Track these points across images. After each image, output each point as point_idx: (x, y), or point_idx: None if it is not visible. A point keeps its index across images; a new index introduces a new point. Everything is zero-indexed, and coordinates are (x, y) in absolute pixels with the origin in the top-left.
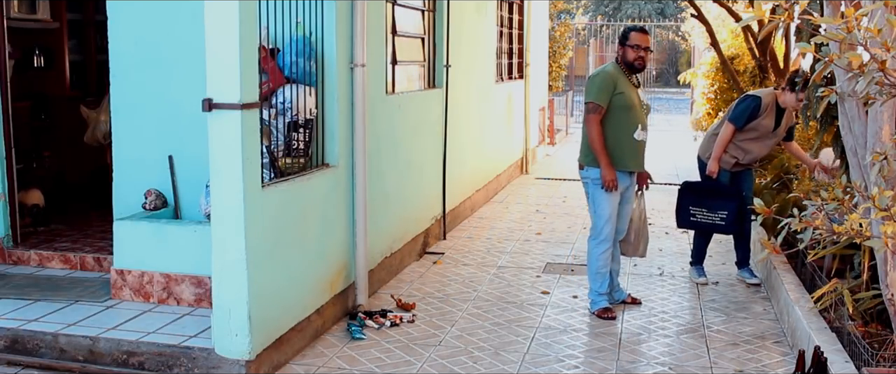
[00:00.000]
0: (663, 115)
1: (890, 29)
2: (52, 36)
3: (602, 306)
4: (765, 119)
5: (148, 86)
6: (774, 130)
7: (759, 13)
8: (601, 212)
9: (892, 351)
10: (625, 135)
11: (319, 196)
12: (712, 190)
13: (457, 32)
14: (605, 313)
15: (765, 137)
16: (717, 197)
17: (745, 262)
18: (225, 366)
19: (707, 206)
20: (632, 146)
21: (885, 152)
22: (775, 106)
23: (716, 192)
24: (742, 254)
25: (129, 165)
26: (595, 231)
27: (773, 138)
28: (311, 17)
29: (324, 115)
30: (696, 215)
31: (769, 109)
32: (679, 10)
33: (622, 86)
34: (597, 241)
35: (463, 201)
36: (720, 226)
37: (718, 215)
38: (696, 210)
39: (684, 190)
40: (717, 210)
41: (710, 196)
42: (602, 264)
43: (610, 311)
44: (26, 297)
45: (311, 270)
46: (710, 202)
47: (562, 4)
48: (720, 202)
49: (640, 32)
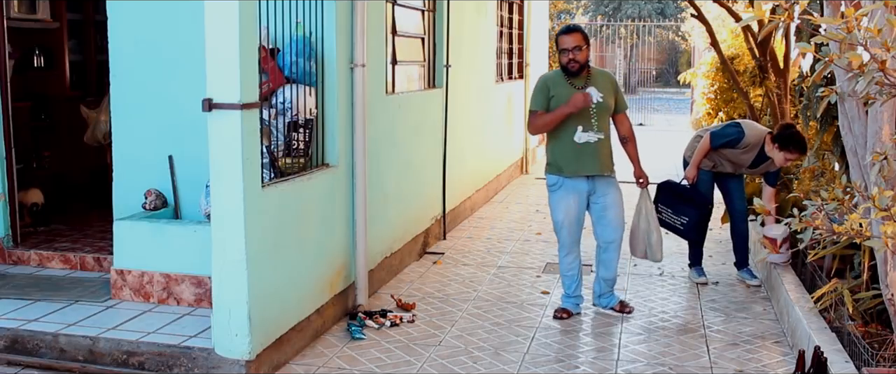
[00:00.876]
0: (663, 115)
1: (890, 29)
2: (52, 36)
3: (563, 306)
4: (743, 154)
5: (148, 86)
6: (751, 167)
7: (759, 13)
8: (553, 217)
9: (892, 351)
10: (564, 139)
11: (319, 196)
12: (684, 193)
13: (457, 32)
14: (558, 312)
15: (738, 165)
16: (685, 201)
17: (743, 263)
18: (225, 366)
19: (674, 208)
20: (573, 150)
21: (885, 152)
22: (760, 148)
23: (686, 196)
24: (740, 255)
25: (129, 165)
26: (556, 235)
27: (749, 170)
28: (311, 17)
29: (324, 115)
30: (663, 213)
31: (751, 148)
32: (679, 10)
33: (557, 89)
34: (558, 245)
35: (463, 201)
36: (679, 230)
37: (680, 219)
38: (663, 208)
39: (661, 187)
40: (680, 214)
41: (680, 199)
42: (566, 267)
43: (564, 312)
44: (26, 297)
45: (311, 270)
46: (678, 205)
47: (562, 4)
48: (685, 207)
49: (564, 34)
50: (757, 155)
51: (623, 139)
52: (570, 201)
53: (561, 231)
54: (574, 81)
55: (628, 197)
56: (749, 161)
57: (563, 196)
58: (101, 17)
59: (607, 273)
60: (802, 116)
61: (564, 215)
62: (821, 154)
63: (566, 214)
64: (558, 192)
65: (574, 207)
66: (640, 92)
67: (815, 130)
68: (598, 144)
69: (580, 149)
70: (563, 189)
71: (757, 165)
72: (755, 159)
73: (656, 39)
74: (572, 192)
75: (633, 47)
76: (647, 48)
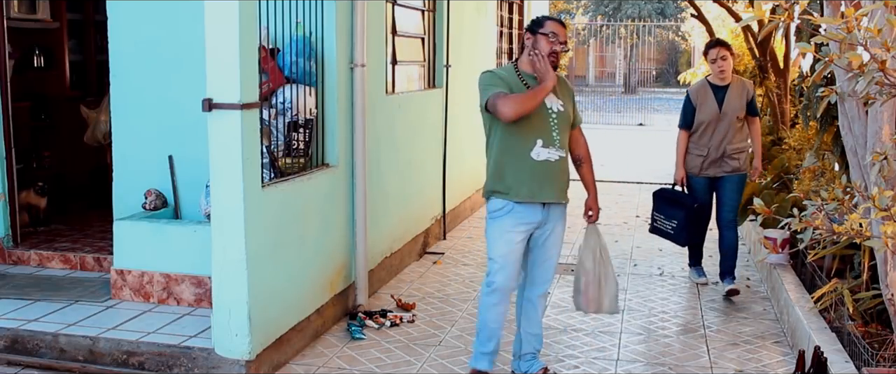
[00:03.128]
0: (663, 115)
1: (890, 29)
2: (52, 36)
3: (478, 366)
4: (705, 108)
5: (148, 86)
6: (722, 111)
7: (759, 13)
8: (493, 252)
9: (892, 351)
10: (518, 153)
11: (319, 196)
12: (679, 198)
13: (457, 32)
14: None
15: (714, 122)
16: (674, 205)
17: (727, 274)
18: (225, 366)
19: (665, 213)
20: (529, 168)
21: (885, 152)
22: (709, 87)
23: (675, 200)
24: (723, 266)
25: (129, 165)
26: (487, 276)
27: (726, 120)
28: (311, 17)
29: (324, 115)
30: (657, 221)
31: (702, 92)
32: (679, 10)
33: (512, 85)
34: (487, 288)
35: (463, 201)
36: (671, 235)
37: (671, 223)
38: (657, 216)
39: (656, 195)
40: (670, 218)
41: (670, 203)
42: (492, 317)
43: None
44: (26, 297)
45: (311, 270)
46: (668, 210)
47: (562, 4)
48: (674, 210)
49: (558, 23)
50: (713, 94)
51: (577, 160)
52: (517, 233)
53: (498, 272)
54: (529, 81)
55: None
56: (714, 108)
57: (508, 226)
58: (101, 17)
59: (536, 328)
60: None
61: (507, 250)
62: (821, 154)
63: (509, 249)
64: (503, 220)
65: (520, 241)
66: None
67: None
68: (558, 164)
69: (538, 168)
70: (509, 217)
71: (722, 103)
72: (717, 99)
73: (656, 39)
74: (521, 222)
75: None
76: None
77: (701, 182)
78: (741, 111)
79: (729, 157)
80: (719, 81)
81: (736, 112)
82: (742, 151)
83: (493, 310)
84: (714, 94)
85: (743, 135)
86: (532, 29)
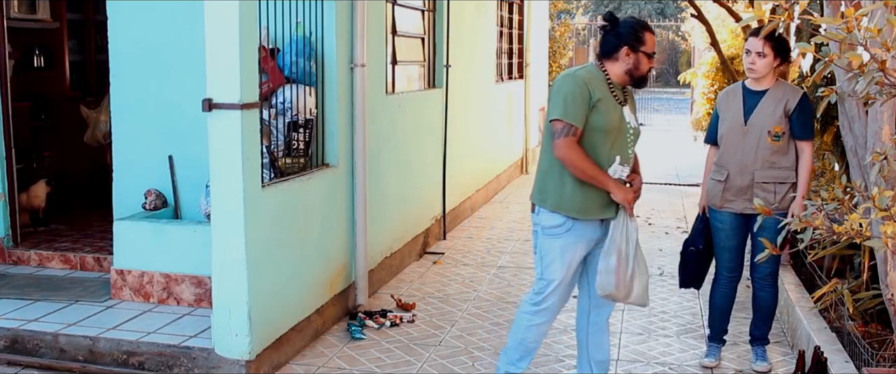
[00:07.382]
0: (663, 115)
1: (890, 29)
2: (52, 36)
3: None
4: (728, 113)
5: (148, 86)
6: (747, 123)
7: (759, 13)
8: (550, 273)
9: (892, 351)
10: None
11: (319, 196)
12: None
13: (457, 32)
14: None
15: (737, 136)
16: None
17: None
18: (225, 366)
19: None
20: None
21: (885, 152)
22: (741, 91)
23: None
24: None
25: (129, 165)
26: (535, 295)
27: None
28: (311, 17)
29: (324, 115)
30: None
31: (730, 96)
32: (679, 10)
33: (601, 97)
34: (535, 308)
35: (463, 201)
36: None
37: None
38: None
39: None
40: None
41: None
42: (533, 337)
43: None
44: (26, 297)
45: (311, 270)
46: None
47: (562, 4)
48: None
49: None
50: (742, 99)
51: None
52: (578, 251)
53: (553, 294)
54: (617, 92)
55: None
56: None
57: (569, 244)
58: (101, 17)
59: (604, 355)
60: None
61: (567, 272)
62: (821, 154)
63: (568, 269)
64: (563, 238)
65: (578, 259)
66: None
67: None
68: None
69: None
70: (570, 235)
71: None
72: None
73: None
74: (581, 240)
75: None
76: None
77: (724, 219)
78: (777, 127)
79: (760, 187)
80: (753, 84)
81: (767, 127)
82: (782, 183)
83: (537, 330)
84: (744, 100)
85: (786, 160)
86: (633, 46)
